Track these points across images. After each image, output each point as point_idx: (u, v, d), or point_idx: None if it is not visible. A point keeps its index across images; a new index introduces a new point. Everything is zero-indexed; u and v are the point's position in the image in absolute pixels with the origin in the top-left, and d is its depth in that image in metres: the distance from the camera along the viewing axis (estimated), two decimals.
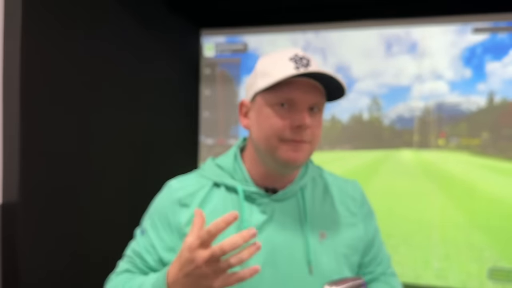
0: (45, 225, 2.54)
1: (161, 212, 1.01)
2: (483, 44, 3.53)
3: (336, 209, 0.99)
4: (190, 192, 1.00)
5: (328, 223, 0.97)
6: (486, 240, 3.54)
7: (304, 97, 0.94)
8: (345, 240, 0.99)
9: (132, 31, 3.22)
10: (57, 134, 2.59)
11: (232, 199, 0.97)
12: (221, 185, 0.98)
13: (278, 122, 0.92)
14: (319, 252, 0.94)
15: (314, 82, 0.95)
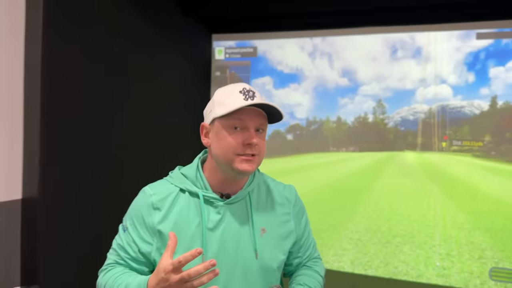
0: (63, 219, 2.70)
1: (138, 214, 1.24)
2: (487, 49, 3.62)
3: (274, 209, 1.27)
4: (161, 198, 1.23)
5: (267, 221, 1.25)
6: (488, 241, 3.62)
7: (251, 121, 1.17)
8: (280, 234, 1.27)
9: (149, 36, 3.38)
10: (75, 133, 2.75)
11: (195, 202, 1.20)
12: (186, 191, 1.22)
13: (233, 141, 1.16)
14: (260, 243, 1.22)
15: (258, 110, 1.19)
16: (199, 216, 1.19)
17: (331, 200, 4.15)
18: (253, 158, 1.19)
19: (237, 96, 1.18)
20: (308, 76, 4.17)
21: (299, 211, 1.39)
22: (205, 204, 1.19)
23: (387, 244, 3.89)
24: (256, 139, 1.17)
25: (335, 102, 4.10)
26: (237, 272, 1.19)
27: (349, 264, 3.99)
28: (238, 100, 1.16)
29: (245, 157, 1.17)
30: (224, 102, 1.18)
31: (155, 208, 1.21)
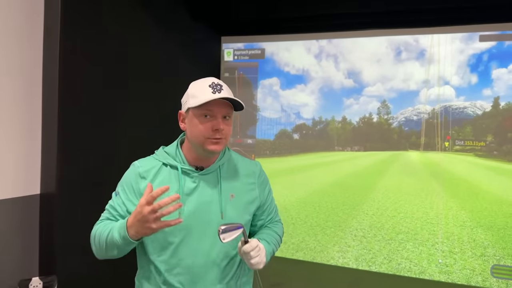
0: (78, 212, 2.84)
1: (127, 182, 1.50)
2: (490, 51, 3.69)
3: (241, 180, 1.50)
4: (147, 169, 1.49)
5: (236, 189, 1.48)
6: (490, 238, 3.70)
7: (219, 111, 1.40)
8: (246, 199, 1.49)
9: (161, 39, 3.52)
10: (90, 132, 2.90)
11: (175, 174, 1.45)
12: (167, 165, 1.47)
13: (203, 127, 1.39)
14: (229, 206, 1.45)
15: (225, 101, 1.41)
16: (177, 184, 1.43)
17: (336, 198, 4.25)
18: (220, 140, 1.41)
19: (206, 89, 1.39)
20: (314, 77, 4.28)
21: (263, 181, 1.58)
22: (182, 174, 1.44)
23: (391, 241, 3.99)
24: (223, 125, 1.39)
25: (340, 102, 4.20)
26: (209, 230, 1.42)
27: (354, 260, 4.09)
28: (207, 93, 1.37)
29: (214, 139, 1.39)
30: (196, 94, 1.41)
31: (141, 177, 1.46)
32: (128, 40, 3.16)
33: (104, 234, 1.43)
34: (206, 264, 1.40)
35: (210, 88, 1.39)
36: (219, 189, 1.45)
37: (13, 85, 2.56)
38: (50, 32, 2.69)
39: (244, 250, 1.34)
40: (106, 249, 1.44)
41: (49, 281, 2.58)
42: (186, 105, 1.46)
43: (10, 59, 2.53)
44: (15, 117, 2.59)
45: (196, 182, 1.44)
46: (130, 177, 1.50)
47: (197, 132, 1.41)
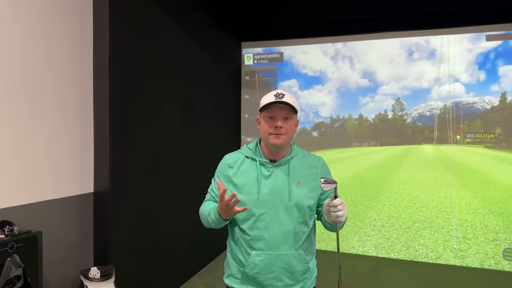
0: (128, 208, 3.13)
1: (221, 171, 1.84)
2: (496, 49, 3.96)
3: (306, 171, 1.79)
4: (234, 161, 1.82)
5: (301, 178, 1.77)
6: (501, 224, 3.97)
7: (279, 113, 1.70)
8: (310, 186, 1.77)
9: (188, 46, 3.80)
10: (140, 132, 3.18)
11: (254, 164, 1.78)
12: (249, 157, 1.80)
13: (267, 126, 1.71)
14: (296, 190, 1.76)
15: (284, 105, 1.69)
16: (256, 172, 1.76)
17: (355, 190, 4.52)
18: (280, 136, 1.70)
19: (271, 97, 1.70)
20: (331, 78, 4.55)
21: (325, 173, 1.87)
22: (260, 165, 1.77)
23: (408, 230, 4.26)
24: (281, 123, 1.69)
25: (356, 101, 4.47)
26: (280, 208, 1.76)
27: (373, 249, 4.36)
28: (271, 100, 1.69)
29: (275, 135, 1.70)
30: (264, 102, 1.73)
31: (230, 167, 1.81)
32: (163, 49, 3.44)
33: (205, 213, 1.81)
34: (278, 234, 1.72)
35: (274, 96, 1.69)
36: (288, 177, 1.75)
37: (66, 88, 2.83)
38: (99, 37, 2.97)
39: (334, 203, 1.59)
40: (208, 223, 1.81)
41: (107, 270, 2.84)
42: (260, 111, 1.77)
43: (61, 60, 2.80)
44: (69, 121, 2.86)
45: (270, 171, 1.75)
46: (222, 167, 1.84)
47: (264, 130, 1.74)
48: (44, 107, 2.67)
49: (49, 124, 2.71)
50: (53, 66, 2.71)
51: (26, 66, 2.54)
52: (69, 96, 2.84)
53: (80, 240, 2.96)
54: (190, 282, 3.77)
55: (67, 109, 2.84)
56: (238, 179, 1.76)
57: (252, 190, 1.73)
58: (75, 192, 2.93)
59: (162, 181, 3.47)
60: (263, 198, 1.72)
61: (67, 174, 2.86)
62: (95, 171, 3.05)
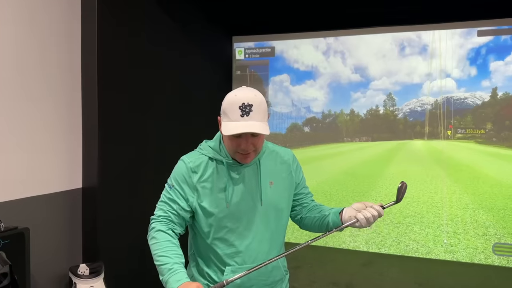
0: (118, 205, 3.10)
1: (181, 177, 1.58)
2: (487, 45, 3.96)
3: (278, 168, 1.65)
4: (196, 164, 1.59)
5: (274, 176, 1.62)
6: (491, 219, 3.99)
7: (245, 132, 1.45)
8: (284, 184, 1.64)
9: (178, 39, 3.75)
10: (128, 128, 3.14)
11: (221, 167, 1.57)
12: (213, 159, 1.58)
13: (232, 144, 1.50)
14: (269, 192, 1.60)
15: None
16: (225, 176, 1.56)
17: (346, 185, 4.52)
18: (249, 154, 1.52)
19: (236, 112, 1.44)
20: (323, 73, 4.54)
21: (297, 167, 1.75)
22: (227, 168, 1.57)
23: (399, 225, 4.27)
24: (250, 144, 1.48)
25: (348, 96, 4.46)
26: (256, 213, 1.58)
27: (364, 244, 4.37)
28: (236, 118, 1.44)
29: (242, 155, 1.52)
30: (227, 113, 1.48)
31: (193, 171, 1.57)
32: (153, 43, 3.39)
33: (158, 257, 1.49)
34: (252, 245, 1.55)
35: (240, 110, 1.43)
36: (259, 178, 1.58)
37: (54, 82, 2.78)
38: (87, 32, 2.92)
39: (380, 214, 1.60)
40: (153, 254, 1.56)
41: (96, 267, 2.82)
42: (221, 118, 1.53)
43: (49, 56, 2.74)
44: (57, 115, 2.81)
45: (240, 173, 1.57)
46: (182, 172, 1.58)
47: (228, 146, 1.54)
48: (32, 101, 2.62)
49: (37, 119, 2.67)
50: (41, 60, 2.66)
51: (14, 59, 2.48)
52: (57, 90, 2.80)
53: (68, 236, 2.93)
54: None
55: (55, 104, 2.79)
56: (204, 186, 1.55)
57: (220, 197, 1.54)
58: (63, 187, 2.90)
59: (152, 177, 3.43)
60: (233, 206, 1.55)
61: (55, 170, 2.82)
62: (84, 166, 3.02)
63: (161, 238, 1.55)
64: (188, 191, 1.57)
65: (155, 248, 1.54)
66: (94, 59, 2.89)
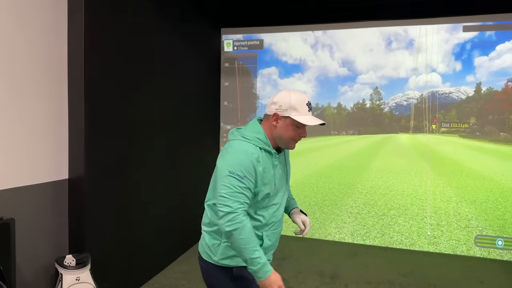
0: (104, 195, 3.08)
1: (251, 166, 1.76)
2: (472, 40, 4.02)
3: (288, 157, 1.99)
4: (258, 155, 1.79)
5: (287, 162, 1.97)
6: (473, 212, 4.08)
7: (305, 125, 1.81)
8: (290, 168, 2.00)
9: (166, 31, 3.73)
10: (112, 120, 3.12)
11: (267, 155, 1.82)
12: (263, 149, 1.81)
13: (295, 134, 1.80)
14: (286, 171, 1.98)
15: None
16: (271, 164, 1.82)
17: (332, 178, 4.57)
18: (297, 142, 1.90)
19: (304, 108, 1.78)
20: (311, 66, 4.56)
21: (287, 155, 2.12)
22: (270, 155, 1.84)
23: (383, 217, 4.34)
24: (306, 134, 1.85)
25: (335, 90, 4.49)
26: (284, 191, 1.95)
27: (349, 235, 4.43)
28: (306, 112, 1.78)
29: (295, 142, 1.84)
30: (297, 108, 1.77)
31: (257, 161, 1.77)
32: (141, 34, 3.37)
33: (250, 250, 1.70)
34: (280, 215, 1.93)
35: (307, 106, 1.79)
36: (285, 165, 1.95)
37: (40, 71, 2.75)
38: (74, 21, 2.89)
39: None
40: (235, 248, 1.73)
41: (82, 257, 2.81)
42: (287, 113, 1.78)
43: (36, 47, 2.72)
44: (43, 107, 2.79)
45: (276, 161, 1.85)
46: (250, 162, 1.75)
47: (287, 134, 1.80)
48: (18, 91, 2.60)
49: (23, 109, 2.64)
50: (28, 51, 2.63)
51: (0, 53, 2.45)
52: (44, 82, 2.77)
53: (55, 227, 2.91)
54: (167, 269, 3.76)
55: (42, 95, 2.76)
56: (265, 173, 1.78)
57: (271, 181, 1.81)
58: (49, 178, 2.87)
59: (139, 168, 3.43)
60: (277, 187, 1.86)
61: (40, 160, 2.79)
62: (70, 157, 2.99)
63: (248, 231, 1.71)
64: (258, 179, 1.77)
65: (244, 241, 1.70)
66: (81, 51, 2.86)
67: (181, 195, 4.01)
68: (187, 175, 4.12)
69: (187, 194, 4.09)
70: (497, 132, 3.99)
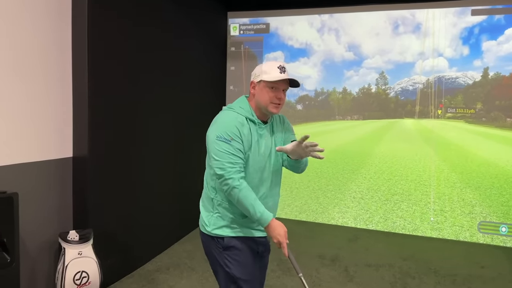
0: (107, 173, 3.14)
1: (234, 130, 1.86)
2: (481, 24, 3.96)
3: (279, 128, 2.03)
4: (240, 121, 1.89)
5: (277, 133, 2.01)
6: (477, 198, 4.05)
7: (281, 86, 1.87)
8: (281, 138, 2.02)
9: (173, 14, 3.75)
10: (116, 100, 3.17)
11: (252, 125, 1.91)
12: (248, 119, 1.91)
13: (271, 95, 1.87)
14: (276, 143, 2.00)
15: (285, 80, 1.88)
16: (256, 132, 1.92)
17: (336, 163, 4.57)
18: (279, 105, 1.91)
19: (275, 70, 1.86)
20: (317, 51, 4.54)
21: (287, 126, 2.12)
22: (256, 125, 1.93)
23: (387, 202, 4.33)
24: (282, 96, 1.91)
25: (341, 74, 4.48)
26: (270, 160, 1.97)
27: (352, 220, 4.44)
28: (277, 73, 1.85)
29: (275, 104, 1.89)
30: (268, 72, 1.87)
31: (242, 125, 1.88)
32: (146, 19, 3.40)
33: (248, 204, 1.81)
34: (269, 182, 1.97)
35: (278, 69, 1.85)
36: (272, 135, 2.00)
37: (46, 51, 2.80)
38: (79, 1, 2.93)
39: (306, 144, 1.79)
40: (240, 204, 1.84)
41: (85, 233, 2.88)
42: (259, 77, 1.89)
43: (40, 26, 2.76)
44: (48, 83, 2.84)
45: (263, 130, 1.94)
46: (234, 127, 1.87)
47: (265, 97, 1.89)
48: (26, 72, 2.65)
49: (31, 90, 2.70)
50: (33, 30, 2.68)
51: (5, 30, 2.50)
52: (49, 61, 2.82)
53: (59, 203, 2.98)
54: (171, 249, 3.83)
55: (47, 75, 2.82)
56: (248, 138, 1.88)
57: (255, 148, 1.91)
58: (54, 156, 2.94)
59: (142, 147, 3.48)
60: (262, 155, 1.93)
61: (45, 138, 2.86)
62: (74, 136, 3.05)
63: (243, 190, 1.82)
64: (242, 140, 1.86)
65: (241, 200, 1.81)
66: (84, 30, 2.90)
67: (184, 175, 4.06)
68: (192, 156, 4.16)
69: (191, 175, 4.14)
70: (504, 117, 3.94)
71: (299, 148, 1.78)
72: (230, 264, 1.89)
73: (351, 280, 3.23)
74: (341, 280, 3.23)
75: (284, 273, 3.30)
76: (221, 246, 1.92)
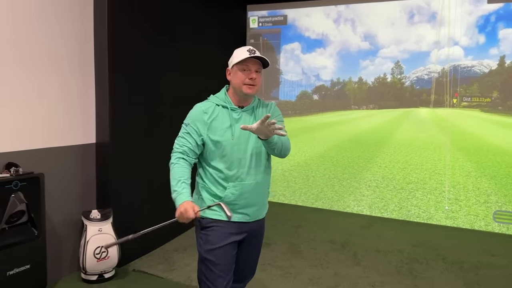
0: (127, 158, 3.37)
1: (195, 117, 2.00)
2: (497, 12, 3.92)
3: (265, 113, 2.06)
4: (207, 107, 2.01)
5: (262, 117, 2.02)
6: (493, 187, 4.03)
7: (252, 66, 1.94)
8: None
9: (193, 7, 3.93)
10: (136, 89, 3.38)
11: (226, 111, 2.00)
12: (219, 105, 2.02)
13: (242, 76, 1.94)
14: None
15: (257, 61, 1.95)
16: (229, 117, 2.00)
17: (352, 152, 4.64)
18: (253, 86, 1.97)
19: (245, 53, 1.94)
20: (333, 41, 4.61)
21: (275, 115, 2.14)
22: (231, 111, 2.01)
23: (401, 190, 4.38)
24: (255, 75, 1.96)
25: (357, 64, 4.53)
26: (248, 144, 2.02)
27: (367, 208, 4.51)
28: (245, 55, 1.93)
29: (248, 85, 1.97)
30: (238, 56, 1.96)
31: (204, 113, 1.99)
32: (169, 10, 3.59)
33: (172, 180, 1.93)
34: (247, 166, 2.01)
35: (248, 52, 1.94)
36: (254, 120, 2.05)
37: (70, 41, 3.04)
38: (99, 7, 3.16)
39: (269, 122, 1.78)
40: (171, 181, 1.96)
41: (106, 212, 3.11)
42: (231, 63, 2.01)
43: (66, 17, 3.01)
44: (72, 72, 3.09)
45: (239, 116, 2.02)
46: (197, 113, 2.01)
47: (238, 80, 1.98)
48: (56, 67, 2.91)
49: (59, 84, 2.96)
50: (59, 22, 2.92)
51: (33, 20, 2.75)
52: (72, 48, 3.06)
53: (83, 185, 3.24)
54: (191, 230, 4.03)
55: (73, 70, 3.07)
56: (214, 124, 1.98)
57: (227, 132, 1.98)
58: (78, 141, 3.19)
59: (161, 135, 3.69)
60: (236, 138, 1.99)
61: (71, 125, 3.11)
62: (97, 123, 3.30)
63: (175, 169, 1.96)
64: (201, 127, 1.99)
65: (171, 174, 1.96)
66: (104, 28, 3.13)
67: None
68: None
69: None
70: None
71: (263, 126, 1.79)
72: (202, 243, 2.00)
73: (358, 264, 3.33)
74: (348, 263, 3.34)
75: (295, 256, 3.43)
76: (200, 226, 2.04)
